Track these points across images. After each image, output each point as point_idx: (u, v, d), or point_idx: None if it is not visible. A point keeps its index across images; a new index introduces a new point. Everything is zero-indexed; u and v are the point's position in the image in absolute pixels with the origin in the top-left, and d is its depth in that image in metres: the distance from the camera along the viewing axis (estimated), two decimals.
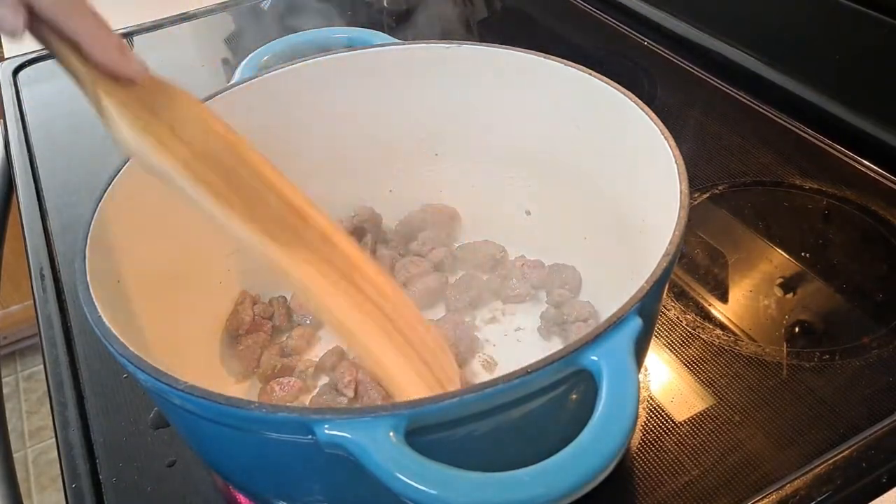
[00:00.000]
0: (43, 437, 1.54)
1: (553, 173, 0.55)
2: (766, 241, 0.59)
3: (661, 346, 0.51)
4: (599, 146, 0.51)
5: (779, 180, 0.64)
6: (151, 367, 0.34)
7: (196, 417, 0.35)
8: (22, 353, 1.71)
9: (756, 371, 0.49)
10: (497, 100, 0.54)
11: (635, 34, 0.85)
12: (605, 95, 0.48)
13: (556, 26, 0.91)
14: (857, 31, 0.66)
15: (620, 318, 0.33)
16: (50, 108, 0.82)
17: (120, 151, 0.39)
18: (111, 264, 0.42)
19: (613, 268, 0.52)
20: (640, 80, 0.77)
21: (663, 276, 0.36)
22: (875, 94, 0.66)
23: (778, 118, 0.71)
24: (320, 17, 0.95)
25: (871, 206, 0.60)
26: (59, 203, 0.68)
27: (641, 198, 0.46)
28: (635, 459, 0.45)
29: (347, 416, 0.31)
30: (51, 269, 0.61)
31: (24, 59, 0.89)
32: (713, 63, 0.78)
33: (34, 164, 0.73)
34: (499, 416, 0.33)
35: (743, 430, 0.46)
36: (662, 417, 0.47)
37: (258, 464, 0.37)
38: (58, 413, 0.50)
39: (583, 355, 0.32)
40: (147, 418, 0.49)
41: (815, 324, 0.53)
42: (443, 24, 0.94)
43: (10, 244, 0.75)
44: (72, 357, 0.54)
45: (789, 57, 0.72)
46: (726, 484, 0.43)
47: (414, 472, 0.29)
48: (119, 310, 0.40)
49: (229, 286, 0.54)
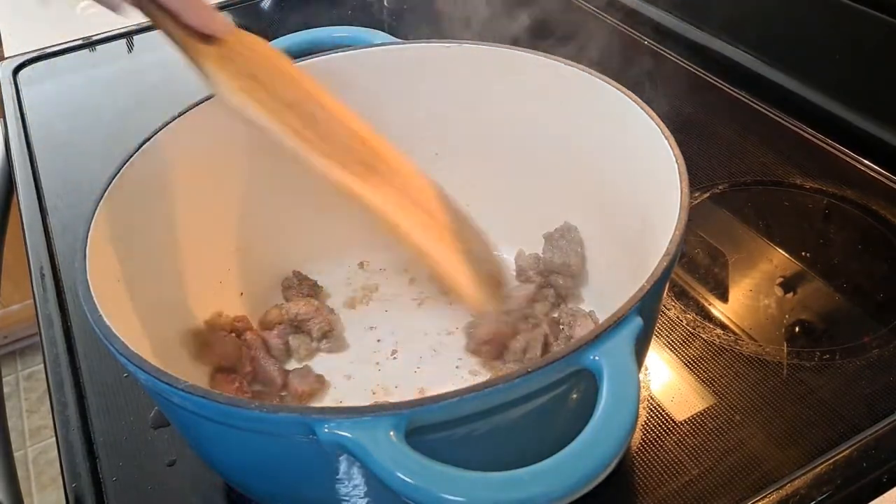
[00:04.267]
0: (43, 437, 1.54)
1: (552, 172, 0.55)
2: (766, 240, 0.59)
3: (661, 346, 0.51)
4: (599, 145, 0.51)
5: (779, 180, 0.64)
6: (152, 366, 0.34)
7: (196, 417, 0.35)
8: (22, 353, 1.71)
9: (756, 371, 0.49)
10: (497, 99, 0.54)
11: (635, 34, 0.85)
12: (605, 95, 0.48)
13: (556, 26, 0.91)
14: (857, 31, 0.66)
15: (621, 317, 0.33)
16: (50, 107, 0.82)
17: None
18: (111, 264, 0.42)
19: (613, 267, 0.52)
20: (641, 80, 0.77)
21: (664, 276, 0.36)
22: (875, 93, 0.66)
23: (778, 118, 0.71)
24: (320, 17, 0.95)
25: (872, 205, 0.60)
26: (59, 203, 0.68)
27: (641, 197, 0.46)
28: (636, 459, 0.45)
29: (348, 416, 0.31)
30: (51, 269, 0.61)
31: (24, 59, 0.89)
32: (714, 63, 0.78)
33: (34, 164, 0.73)
34: (499, 416, 0.33)
35: (743, 430, 0.46)
36: (663, 417, 0.47)
37: (258, 463, 0.37)
38: (58, 412, 0.50)
39: (583, 355, 0.32)
40: (147, 418, 0.49)
41: (816, 323, 0.53)
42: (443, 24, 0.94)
43: (10, 244, 0.75)
44: (72, 356, 0.54)
45: (790, 57, 0.73)
46: (726, 483, 0.43)
47: (414, 471, 0.29)
48: (119, 309, 0.40)
49: (229, 286, 0.54)
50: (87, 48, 0.92)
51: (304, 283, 0.56)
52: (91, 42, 0.93)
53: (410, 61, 0.55)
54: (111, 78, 0.87)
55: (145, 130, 0.47)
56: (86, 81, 0.87)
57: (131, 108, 0.79)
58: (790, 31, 0.72)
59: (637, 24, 0.86)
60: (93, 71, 0.89)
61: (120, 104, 0.81)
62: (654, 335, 0.50)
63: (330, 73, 0.54)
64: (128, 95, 0.82)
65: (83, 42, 0.92)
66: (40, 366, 0.66)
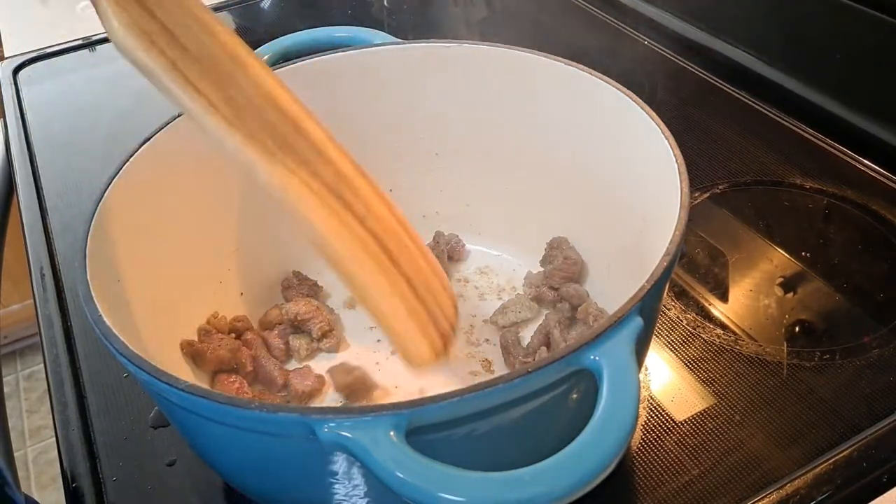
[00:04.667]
0: (43, 437, 1.54)
1: (552, 172, 0.55)
2: (766, 240, 0.59)
3: (661, 346, 0.51)
4: (599, 145, 0.51)
5: (779, 180, 0.64)
6: (152, 366, 0.34)
7: (196, 417, 0.35)
8: (22, 353, 1.71)
9: (756, 370, 0.49)
10: (497, 99, 0.54)
11: (635, 34, 0.85)
12: (605, 95, 0.48)
13: (556, 26, 0.91)
14: (857, 31, 0.66)
15: (621, 317, 0.33)
16: (50, 107, 0.82)
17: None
18: (111, 264, 0.42)
19: (613, 267, 0.52)
20: (640, 80, 0.77)
21: (664, 276, 0.36)
22: (875, 93, 0.66)
23: (778, 118, 0.71)
24: (320, 17, 0.95)
25: (872, 205, 0.60)
26: (59, 203, 0.68)
27: (641, 197, 0.46)
28: (636, 459, 0.45)
29: (348, 416, 0.31)
30: (51, 269, 0.61)
31: (24, 59, 0.89)
32: (713, 62, 0.78)
33: (34, 164, 0.73)
34: (499, 416, 0.33)
35: (743, 430, 0.46)
36: (663, 417, 0.47)
37: (258, 463, 0.37)
38: (58, 412, 0.50)
39: (583, 355, 0.32)
40: (147, 418, 0.49)
41: (816, 323, 0.53)
42: (443, 24, 0.94)
43: (10, 244, 0.75)
44: (72, 356, 0.54)
45: (790, 57, 0.73)
46: (726, 483, 0.43)
47: (414, 471, 0.29)
48: (119, 309, 0.40)
49: (229, 286, 0.54)
50: (87, 48, 0.92)
51: (304, 283, 0.56)
52: (91, 42, 0.93)
53: (410, 61, 0.54)
54: (111, 78, 0.87)
55: (145, 130, 0.47)
56: (86, 81, 0.87)
57: (131, 108, 0.79)
58: (790, 31, 0.72)
59: (636, 23, 0.86)
60: (93, 71, 0.89)
61: (120, 104, 0.81)
62: (654, 335, 0.50)
63: (330, 73, 0.54)
64: (128, 95, 0.82)
65: (83, 42, 0.92)
66: (40, 366, 0.66)
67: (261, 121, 0.40)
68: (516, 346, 0.51)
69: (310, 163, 0.41)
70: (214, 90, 0.39)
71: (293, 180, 0.40)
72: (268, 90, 0.41)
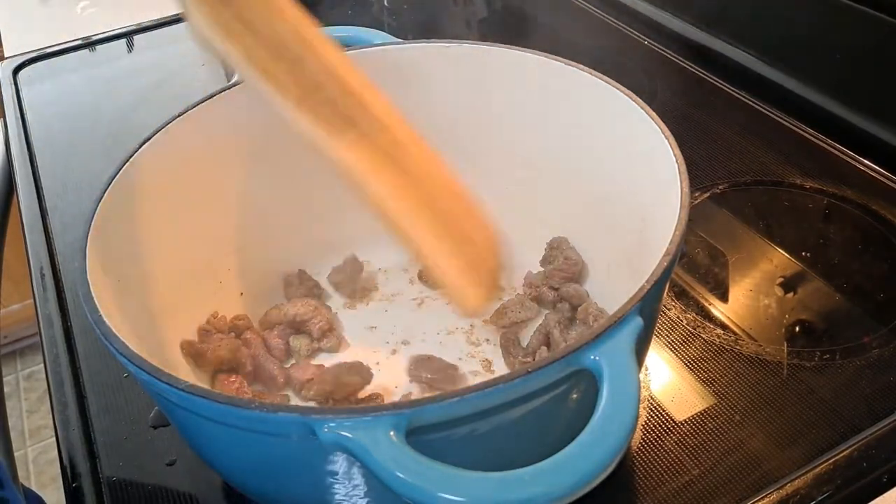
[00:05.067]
0: (43, 437, 1.54)
1: (552, 172, 0.55)
2: (766, 240, 0.59)
3: (661, 346, 0.51)
4: (599, 145, 0.51)
5: (779, 180, 0.64)
6: (152, 366, 0.34)
7: (196, 417, 0.35)
8: (22, 353, 1.71)
9: (756, 370, 0.49)
10: (497, 99, 0.54)
11: (635, 34, 0.85)
12: (605, 95, 0.48)
13: (556, 26, 0.91)
14: (857, 31, 0.66)
15: (621, 317, 0.33)
16: (50, 107, 0.82)
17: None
18: (111, 264, 0.42)
19: (613, 267, 0.52)
20: (640, 80, 0.77)
21: (664, 276, 0.36)
22: (875, 93, 0.66)
23: (778, 118, 0.71)
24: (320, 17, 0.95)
25: (872, 205, 0.60)
26: (59, 203, 0.68)
27: (642, 197, 0.46)
28: (636, 459, 0.45)
29: (348, 416, 0.31)
30: (51, 269, 0.61)
31: (25, 59, 0.89)
32: (713, 62, 0.78)
33: (34, 164, 0.73)
34: (499, 416, 0.33)
35: (743, 430, 0.46)
36: (663, 417, 0.47)
37: (258, 463, 0.37)
38: (58, 412, 0.50)
39: (583, 355, 0.32)
40: (147, 418, 0.49)
41: (816, 323, 0.53)
42: (443, 24, 0.94)
43: (10, 244, 0.75)
44: (72, 356, 0.54)
45: (790, 56, 0.73)
46: (727, 483, 0.43)
47: (414, 471, 0.29)
48: (119, 309, 0.40)
49: (229, 286, 0.54)
50: (87, 48, 0.92)
51: (305, 283, 0.56)
52: (91, 42, 0.93)
53: (410, 61, 0.54)
54: (111, 78, 0.87)
55: (145, 130, 0.47)
56: (86, 81, 0.87)
57: (131, 108, 0.79)
58: (790, 31, 0.72)
59: (637, 23, 0.86)
60: (93, 71, 0.89)
61: (120, 104, 0.81)
62: (654, 335, 0.50)
63: None
64: (128, 95, 0.82)
65: (83, 42, 0.92)
66: (40, 366, 0.66)
67: (326, 99, 0.43)
68: (516, 346, 0.51)
69: (370, 134, 0.44)
70: (284, 73, 0.41)
71: (355, 153, 0.43)
72: (332, 67, 0.43)
